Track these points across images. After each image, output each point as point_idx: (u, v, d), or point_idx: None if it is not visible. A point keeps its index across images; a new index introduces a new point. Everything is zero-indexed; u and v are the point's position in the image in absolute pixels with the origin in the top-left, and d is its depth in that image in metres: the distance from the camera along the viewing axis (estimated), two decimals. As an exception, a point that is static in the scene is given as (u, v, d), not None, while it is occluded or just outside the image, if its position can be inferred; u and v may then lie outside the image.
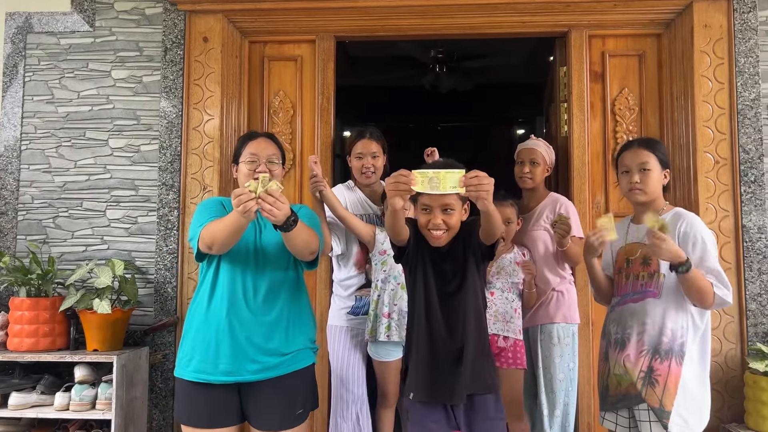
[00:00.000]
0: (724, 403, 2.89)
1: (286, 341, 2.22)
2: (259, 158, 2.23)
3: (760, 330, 2.90)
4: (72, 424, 2.82)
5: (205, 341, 2.15)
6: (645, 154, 2.18)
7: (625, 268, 2.21)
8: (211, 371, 2.14)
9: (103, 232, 3.12)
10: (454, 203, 2.04)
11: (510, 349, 2.66)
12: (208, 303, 2.18)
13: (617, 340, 2.16)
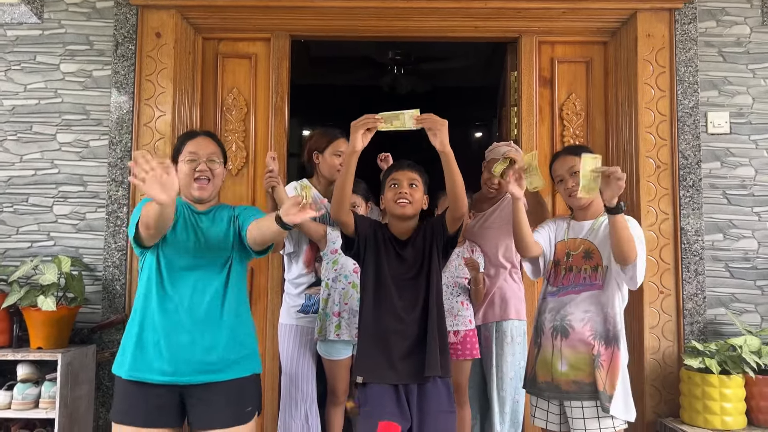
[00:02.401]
0: (661, 399, 3.00)
1: (233, 343, 2.20)
2: (199, 157, 2.20)
3: (696, 328, 3.02)
4: (14, 423, 2.76)
5: (145, 339, 2.13)
6: (571, 159, 2.28)
7: (565, 261, 2.29)
8: (147, 370, 2.11)
9: (49, 228, 3.07)
10: (418, 181, 2.31)
11: (460, 341, 2.72)
12: (146, 299, 2.16)
13: (555, 328, 2.22)
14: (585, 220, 2.30)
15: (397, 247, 2.32)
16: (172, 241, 2.17)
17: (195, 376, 2.10)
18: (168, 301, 2.12)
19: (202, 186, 2.21)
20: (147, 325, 2.13)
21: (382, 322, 2.27)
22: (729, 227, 3.09)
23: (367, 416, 2.19)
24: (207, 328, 2.14)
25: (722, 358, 2.79)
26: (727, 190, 3.10)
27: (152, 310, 2.14)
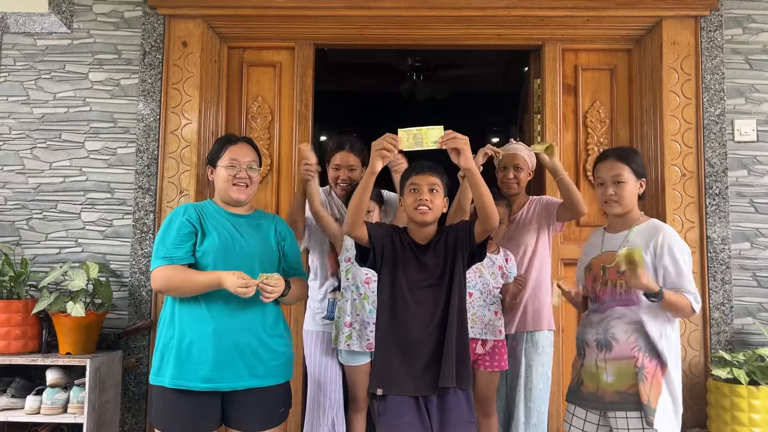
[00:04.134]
0: (688, 409, 2.95)
1: (274, 350, 2.27)
2: (240, 164, 2.26)
3: (723, 338, 3.00)
4: (43, 428, 2.79)
5: (187, 347, 2.17)
6: (619, 166, 2.21)
7: (602, 276, 2.23)
8: (192, 378, 2.17)
9: (77, 234, 3.11)
10: (439, 185, 2.24)
11: (488, 352, 2.69)
12: (186, 306, 2.20)
13: (599, 341, 2.18)
14: (618, 232, 2.25)
15: (417, 253, 2.26)
16: (212, 246, 2.21)
17: (237, 382, 2.18)
18: (211, 309, 2.17)
19: (240, 189, 2.26)
20: (189, 333, 2.18)
21: (400, 331, 2.22)
22: (756, 236, 3.06)
23: (387, 426, 2.16)
24: (250, 335, 2.21)
25: (751, 368, 2.77)
26: (754, 198, 3.07)
27: (194, 317, 2.19)
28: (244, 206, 2.34)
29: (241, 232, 2.29)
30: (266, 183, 3.32)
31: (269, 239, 2.34)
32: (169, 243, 2.20)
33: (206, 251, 2.22)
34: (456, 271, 2.25)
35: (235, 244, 2.25)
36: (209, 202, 2.35)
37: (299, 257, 2.46)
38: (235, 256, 2.23)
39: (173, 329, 2.22)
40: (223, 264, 2.22)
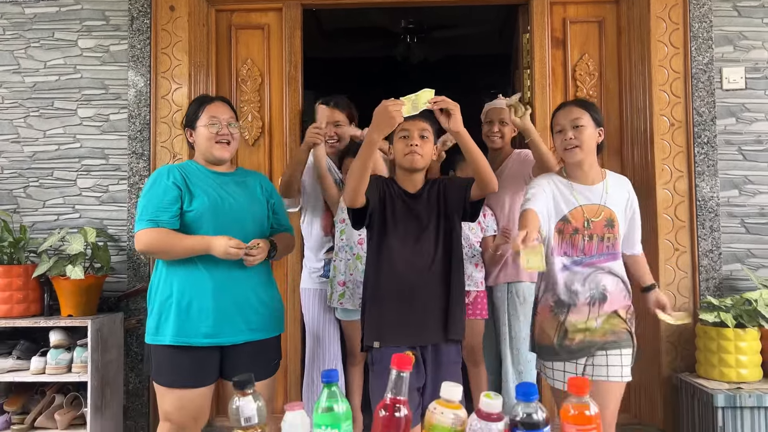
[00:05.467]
0: (678, 354, 3.04)
1: (269, 306, 2.35)
2: (220, 121, 2.28)
3: (711, 285, 3.04)
4: (49, 387, 2.88)
5: (187, 305, 2.24)
6: (577, 110, 2.19)
7: (584, 228, 2.18)
8: (193, 335, 2.23)
9: (74, 201, 3.16)
10: (429, 131, 2.22)
11: (471, 301, 2.77)
12: (182, 266, 2.25)
13: (593, 296, 2.15)
14: (590, 184, 2.21)
15: (408, 202, 2.24)
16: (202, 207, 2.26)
17: (236, 337, 2.25)
18: (209, 268, 2.23)
19: (223, 147, 2.29)
20: (187, 292, 2.24)
21: (393, 283, 2.20)
22: (744, 183, 3.08)
23: (380, 375, 2.15)
24: (247, 291, 2.28)
25: (738, 312, 2.81)
26: (743, 146, 3.09)
27: (191, 276, 2.25)
28: (226, 164, 2.37)
29: (229, 191, 2.32)
30: (258, 146, 3.35)
31: (257, 196, 2.38)
32: (155, 206, 2.21)
33: (197, 212, 2.25)
34: (450, 220, 2.24)
35: (224, 203, 2.28)
36: (191, 163, 2.36)
37: (285, 212, 2.51)
38: (225, 216, 2.27)
39: (169, 289, 2.27)
40: (215, 224, 2.26)
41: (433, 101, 2.04)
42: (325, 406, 1.20)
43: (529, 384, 1.19)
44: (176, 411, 2.27)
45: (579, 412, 1.17)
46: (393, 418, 1.19)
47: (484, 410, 1.16)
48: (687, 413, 2.86)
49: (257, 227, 2.34)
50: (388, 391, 1.22)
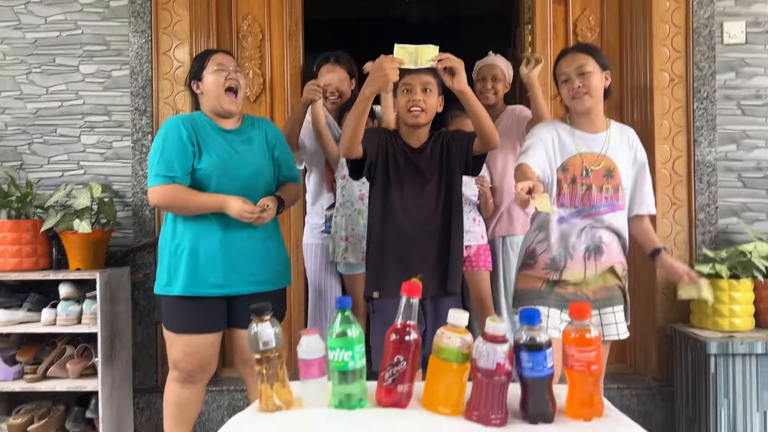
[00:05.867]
0: (672, 306, 3.10)
1: (276, 258, 2.42)
2: (227, 67, 2.31)
3: (708, 238, 3.10)
4: (60, 339, 2.95)
5: (197, 256, 2.30)
6: (582, 57, 2.11)
7: (582, 177, 2.12)
8: (203, 285, 2.30)
9: (78, 157, 3.18)
10: (433, 84, 2.18)
11: (473, 255, 2.83)
12: (194, 219, 2.31)
13: (589, 248, 2.11)
14: (593, 132, 2.15)
15: (411, 156, 2.25)
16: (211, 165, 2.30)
17: (244, 288, 2.32)
18: (219, 219, 2.28)
19: (231, 99, 2.33)
20: (197, 243, 2.30)
21: (395, 235, 2.24)
22: (742, 138, 3.12)
23: (380, 323, 2.21)
24: (255, 243, 2.35)
25: (732, 263, 2.87)
26: (742, 101, 3.11)
27: (201, 228, 2.31)
28: (233, 119, 2.40)
29: (236, 149, 2.36)
30: (260, 102, 3.37)
31: (263, 151, 2.42)
32: (167, 160, 2.27)
33: (205, 171, 2.30)
34: (453, 174, 2.26)
35: (232, 162, 2.32)
36: (200, 115, 2.40)
37: (292, 162, 2.54)
38: (232, 175, 2.32)
39: (179, 240, 2.33)
40: (222, 183, 2.31)
41: (437, 59, 2.01)
42: (339, 331, 1.26)
43: (533, 309, 1.24)
44: (184, 358, 2.35)
45: (580, 335, 1.23)
46: (404, 341, 1.25)
47: (489, 333, 1.22)
48: (681, 362, 2.95)
49: (264, 184, 2.39)
50: (398, 316, 1.27)
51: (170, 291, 2.33)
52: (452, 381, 1.25)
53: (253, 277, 2.34)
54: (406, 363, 1.25)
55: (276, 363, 1.28)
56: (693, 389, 2.83)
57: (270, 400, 1.28)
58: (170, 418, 2.47)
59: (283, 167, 2.48)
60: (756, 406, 2.66)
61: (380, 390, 1.28)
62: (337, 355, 1.24)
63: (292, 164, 2.54)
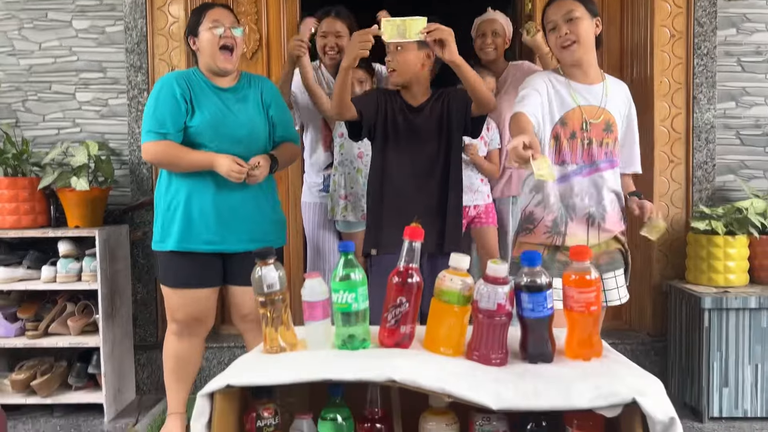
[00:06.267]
0: (668, 263, 3.14)
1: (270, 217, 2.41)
2: (223, 24, 2.28)
3: (704, 195, 3.11)
4: (60, 296, 2.96)
5: (190, 213, 2.31)
6: (570, 2, 1.98)
7: (582, 132, 2.00)
8: (196, 241, 2.32)
9: (74, 115, 3.15)
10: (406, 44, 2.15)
11: (482, 212, 2.88)
12: (188, 175, 2.31)
13: (591, 214, 2.01)
14: (588, 84, 2.04)
15: (409, 115, 2.25)
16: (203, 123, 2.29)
17: (237, 245, 2.34)
18: (213, 174, 2.28)
19: (227, 57, 2.30)
20: (190, 199, 2.31)
21: (393, 193, 2.27)
22: (742, 95, 3.11)
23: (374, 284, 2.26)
24: (249, 201, 2.34)
25: (728, 220, 2.90)
26: (742, 57, 3.09)
27: (194, 184, 2.31)
28: (229, 76, 2.38)
29: (230, 107, 2.34)
30: (256, 60, 3.33)
31: (258, 110, 2.40)
32: (160, 117, 2.27)
33: (197, 129, 2.30)
34: (452, 134, 2.26)
35: (226, 120, 2.31)
36: (195, 71, 2.39)
37: (289, 122, 2.52)
38: (225, 134, 2.31)
39: (172, 196, 2.35)
40: (214, 141, 2.30)
41: (426, 30, 1.99)
42: (343, 274, 1.27)
43: (534, 251, 1.25)
44: (181, 311, 2.39)
45: (580, 277, 1.25)
46: (406, 284, 1.27)
47: (491, 275, 1.23)
48: (675, 317, 2.99)
49: (258, 143, 2.38)
50: (401, 260, 1.29)
51: (164, 246, 2.36)
52: (454, 323, 1.27)
53: (246, 235, 2.35)
54: (408, 305, 1.27)
55: (280, 306, 1.29)
56: (687, 344, 2.87)
57: (274, 342, 1.30)
58: (170, 372, 2.51)
59: (278, 127, 2.46)
60: (748, 359, 2.71)
61: (383, 331, 1.30)
62: (340, 297, 1.26)
63: (289, 124, 2.52)
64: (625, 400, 1.05)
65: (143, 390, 3.13)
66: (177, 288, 2.38)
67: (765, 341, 2.70)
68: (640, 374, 1.17)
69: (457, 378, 1.13)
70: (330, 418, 1.22)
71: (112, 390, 2.85)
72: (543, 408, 1.08)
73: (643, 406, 1.03)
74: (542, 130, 2.00)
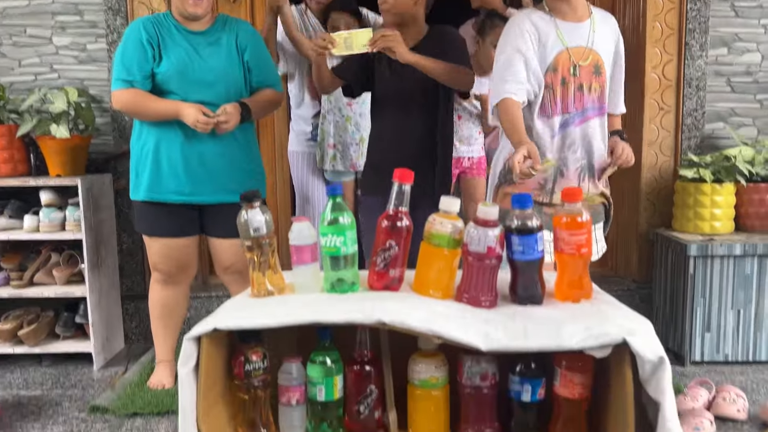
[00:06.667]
0: (655, 211, 3.15)
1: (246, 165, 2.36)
2: None
3: (693, 143, 3.10)
4: (44, 246, 2.92)
5: (160, 162, 2.27)
6: None
7: (571, 77, 1.90)
8: (165, 191, 2.29)
9: (51, 60, 3.04)
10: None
11: (475, 164, 2.87)
12: (159, 124, 2.25)
13: (583, 168, 1.97)
14: (576, 21, 1.90)
15: (396, 65, 2.21)
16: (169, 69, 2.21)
17: (210, 197, 2.31)
18: (182, 124, 2.22)
19: (195, 2, 2.22)
20: (159, 148, 2.26)
21: (383, 142, 2.29)
22: (734, 40, 3.06)
23: (368, 231, 2.27)
24: (221, 151, 2.29)
25: (716, 168, 2.89)
26: (735, 1, 3.03)
27: (164, 133, 2.26)
28: (204, 20, 2.30)
29: (201, 52, 2.27)
30: (239, 3, 3.22)
31: (231, 55, 2.31)
32: (127, 64, 2.22)
33: (164, 75, 2.24)
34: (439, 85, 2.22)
35: (193, 65, 2.24)
36: (167, 15, 2.32)
37: (268, 66, 2.42)
38: (193, 80, 2.24)
39: (142, 144, 2.32)
40: (182, 88, 2.23)
41: (371, 44, 2.06)
42: (331, 217, 1.25)
43: (525, 194, 1.24)
44: (162, 259, 2.38)
45: (571, 219, 1.23)
46: (396, 227, 1.25)
47: (481, 218, 1.22)
48: (661, 264, 3.02)
49: (230, 90, 2.30)
50: (390, 203, 1.26)
51: (137, 195, 2.35)
52: (443, 266, 1.26)
53: (218, 187, 2.30)
54: (398, 248, 1.26)
55: (267, 250, 1.27)
56: (671, 290, 2.91)
57: (262, 287, 1.29)
58: (156, 320, 2.51)
59: (255, 72, 2.36)
60: (731, 305, 2.75)
61: (372, 274, 1.28)
62: (329, 241, 1.24)
63: (268, 69, 2.41)
64: (616, 341, 1.05)
65: (132, 339, 3.14)
66: (153, 237, 2.37)
67: (748, 287, 2.74)
68: (629, 315, 1.18)
69: (446, 319, 1.13)
70: (319, 361, 1.22)
71: (101, 339, 2.84)
72: (533, 349, 1.08)
73: (633, 345, 1.03)
74: (535, 91, 1.90)
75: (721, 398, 2.26)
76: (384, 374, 1.25)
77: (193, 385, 1.12)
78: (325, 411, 1.22)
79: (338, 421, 1.24)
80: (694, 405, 2.23)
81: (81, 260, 2.79)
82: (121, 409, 2.32)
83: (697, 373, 2.66)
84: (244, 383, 1.22)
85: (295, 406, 1.24)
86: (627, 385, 1.05)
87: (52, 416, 2.32)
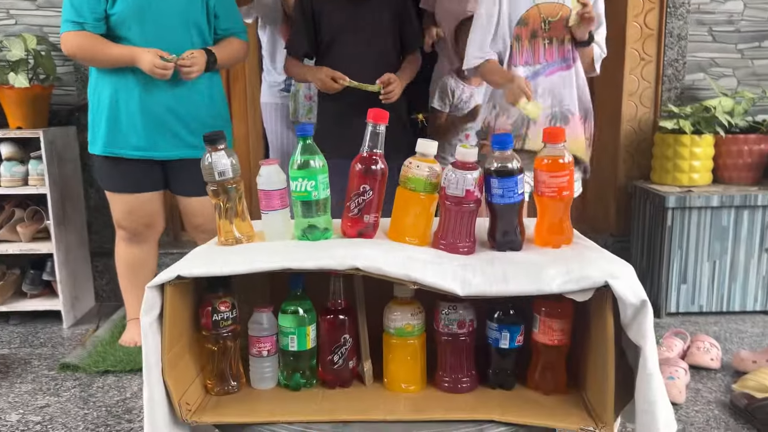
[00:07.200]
0: (634, 163, 3.13)
1: (210, 119, 2.24)
2: None
3: (673, 94, 3.06)
4: (7, 202, 2.82)
5: (118, 115, 2.14)
6: None
7: (543, 31, 2.01)
8: (123, 146, 2.18)
9: (7, 4, 2.88)
10: None
11: None
12: (115, 74, 2.12)
13: (555, 116, 2.03)
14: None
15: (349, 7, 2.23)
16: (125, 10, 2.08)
17: (170, 152, 2.20)
18: (137, 75, 2.10)
19: None
20: (116, 99, 2.13)
21: (342, 95, 2.22)
22: (717, -12, 3.00)
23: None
24: (181, 104, 2.18)
25: (696, 119, 2.86)
26: (720, -52, 2.97)
27: (120, 84, 2.12)
28: None
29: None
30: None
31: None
32: (77, 4, 2.06)
33: (119, 17, 2.08)
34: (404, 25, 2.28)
35: (151, 7, 2.08)
36: None
37: (234, 13, 2.30)
38: (153, 22, 2.09)
39: (98, 95, 2.19)
40: (140, 31, 2.09)
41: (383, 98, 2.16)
42: (301, 161, 1.18)
43: (506, 134, 1.18)
44: (125, 216, 2.29)
45: (553, 160, 1.18)
46: (370, 170, 1.19)
47: (459, 160, 1.16)
48: (639, 216, 3.01)
49: (193, 35, 2.18)
50: (364, 145, 1.20)
51: (94, 149, 2.23)
52: (420, 211, 1.21)
53: (179, 141, 2.20)
54: (372, 192, 1.19)
55: (234, 195, 1.20)
56: (649, 243, 2.91)
57: (230, 234, 1.22)
58: (124, 278, 2.44)
59: (221, 18, 2.24)
60: (707, 256, 2.76)
61: (345, 221, 1.23)
62: (299, 185, 1.17)
63: (234, 16, 2.30)
64: (597, 284, 1.01)
65: (103, 297, 3.07)
66: (114, 192, 2.27)
67: (724, 239, 2.75)
68: (611, 259, 1.14)
69: (423, 265, 1.08)
70: (291, 310, 1.17)
71: (69, 297, 2.77)
72: (512, 293, 1.04)
73: (616, 288, 1.00)
74: (506, 45, 2.03)
75: (696, 348, 2.28)
76: (359, 323, 1.21)
77: (157, 336, 1.06)
78: (297, 361, 1.18)
79: (311, 372, 1.20)
80: (669, 354, 2.25)
81: (46, 216, 2.69)
82: (92, 367, 2.27)
83: (673, 324, 2.68)
84: (213, 334, 1.16)
85: (266, 356, 1.19)
86: (608, 329, 1.02)
87: (20, 374, 2.27)
